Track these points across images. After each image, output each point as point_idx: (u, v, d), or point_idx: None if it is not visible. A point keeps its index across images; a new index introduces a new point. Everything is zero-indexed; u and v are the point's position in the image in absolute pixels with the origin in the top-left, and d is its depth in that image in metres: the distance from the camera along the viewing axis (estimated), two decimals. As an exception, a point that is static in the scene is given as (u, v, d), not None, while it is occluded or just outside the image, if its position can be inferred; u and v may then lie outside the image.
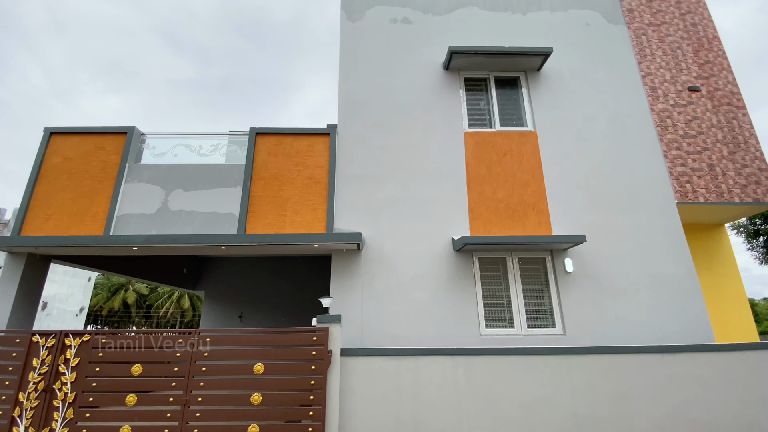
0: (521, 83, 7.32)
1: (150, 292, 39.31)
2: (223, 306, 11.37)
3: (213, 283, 11.49)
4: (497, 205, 6.39)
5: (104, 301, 37.02)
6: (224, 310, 11.33)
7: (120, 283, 38.25)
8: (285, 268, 11.58)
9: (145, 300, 39.63)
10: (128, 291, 38.19)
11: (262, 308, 11.29)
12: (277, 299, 11.36)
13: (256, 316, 11.15)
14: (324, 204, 6.26)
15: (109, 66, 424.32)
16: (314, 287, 11.29)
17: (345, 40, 7.42)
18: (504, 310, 5.97)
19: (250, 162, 6.42)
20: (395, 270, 5.97)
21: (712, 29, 8.13)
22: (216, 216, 6.17)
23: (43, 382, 4.50)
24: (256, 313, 11.24)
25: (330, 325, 4.80)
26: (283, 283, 11.50)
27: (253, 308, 11.26)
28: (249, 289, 11.40)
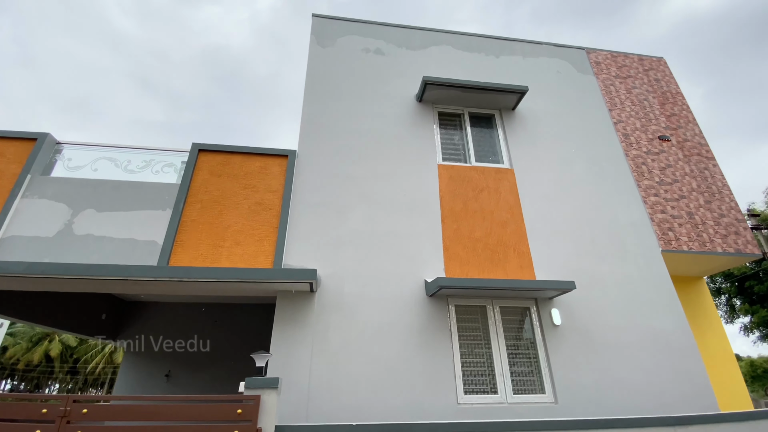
0: (496, 121, 6.99)
1: (78, 344, 34.37)
2: (147, 362, 9.41)
3: (137, 333, 9.59)
4: (475, 245, 5.61)
5: (23, 352, 31.76)
6: (148, 367, 9.36)
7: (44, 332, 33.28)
8: (228, 317, 9.97)
9: (72, 353, 34.46)
10: (53, 342, 33.17)
11: (197, 366, 9.45)
12: (216, 356, 9.59)
13: (187, 375, 9.27)
14: (273, 234, 5.22)
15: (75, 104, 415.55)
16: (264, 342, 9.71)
17: (313, 63, 6.90)
18: (485, 371, 4.94)
19: (186, 181, 5.37)
20: (356, 319, 4.88)
21: (675, 85, 8.43)
22: (133, 244, 4.94)
23: None
24: (188, 371, 9.36)
25: (263, 391, 3.57)
26: (224, 336, 9.81)
27: (184, 366, 9.39)
28: (183, 341, 9.59)
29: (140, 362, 9.41)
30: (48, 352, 32.73)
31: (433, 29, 7.78)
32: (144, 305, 9.87)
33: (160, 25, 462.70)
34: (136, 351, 9.51)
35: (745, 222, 6.80)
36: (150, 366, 9.37)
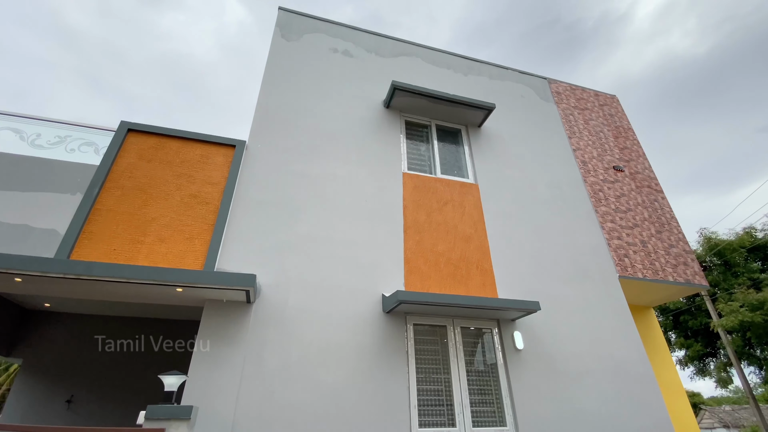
0: (462, 136, 6.82)
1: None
2: (46, 383, 7.80)
3: (37, 349, 8.00)
4: (437, 259, 5.19)
5: None
6: (47, 390, 7.74)
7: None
8: (157, 333, 8.66)
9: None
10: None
11: (109, 391, 7.99)
12: (138, 379, 8.20)
13: (95, 401, 7.79)
14: (208, 233, 4.46)
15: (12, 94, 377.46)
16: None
17: (274, 54, 6.38)
18: (443, 400, 4.40)
19: (108, 163, 4.51)
20: (300, 337, 4.17)
21: (626, 121, 8.87)
22: (27, 231, 3.96)
23: None
24: (95, 396, 7.87)
25: (169, 423, 2.79)
26: (148, 356, 8.47)
27: (90, 390, 7.89)
28: (89, 361, 8.13)
29: (38, 383, 7.79)
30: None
31: (404, 40, 7.64)
32: (48, 315, 8.32)
33: (118, 25, 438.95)
34: (34, 371, 7.90)
35: (692, 253, 7.03)
36: (49, 388, 7.78)
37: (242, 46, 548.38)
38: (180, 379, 3.08)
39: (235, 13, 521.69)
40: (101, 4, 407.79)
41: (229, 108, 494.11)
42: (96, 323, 8.56)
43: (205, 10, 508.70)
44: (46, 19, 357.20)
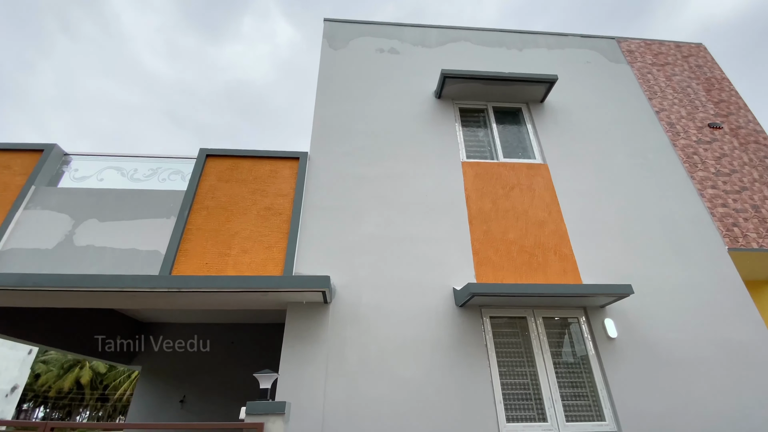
0: (524, 115, 6.42)
1: (108, 370, 34.67)
2: (161, 386, 8.98)
3: (152, 355, 9.24)
4: (509, 248, 4.96)
5: (54, 379, 32.15)
6: (163, 392, 8.92)
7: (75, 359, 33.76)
8: (249, 337, 9.50)
9: (102, 380, 34.74)
10: (83, 369, 33.56)
11: (212, 391, 8.94)
12: (236, 380, 9.06)
13: (202, 401, 8.76)
14: (284, 240, 4.76)
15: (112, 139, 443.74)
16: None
17: (325, 66, 6.61)
18: (530, 394, 4.18)
19: (193, 187, 5.04)
20: (376, 334, 4.27)
21: (719, 71, 7.65)
22: (135, 254, 4.58)
23: None
24: (203, 396, 8.86)
25: (267, 418, 3.02)
26: (244, 357, 9.31)
27: (199, 391, 8.90)
28: (197, 365, 9.15)
29: (155, 387, 8.99)
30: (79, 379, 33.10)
31: (450, 26, 7.42)
32: (158, 327, 9.55)
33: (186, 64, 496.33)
34: (151, 376, 9.13)
35: (826, 214, 5.83)
36: (165, 391, 8.94)
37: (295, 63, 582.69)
38: (272, 377, 3.33)
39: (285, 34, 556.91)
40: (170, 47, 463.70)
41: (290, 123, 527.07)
42: (197, 331, 9.61)
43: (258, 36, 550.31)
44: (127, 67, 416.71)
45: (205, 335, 9.51)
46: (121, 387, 33.38)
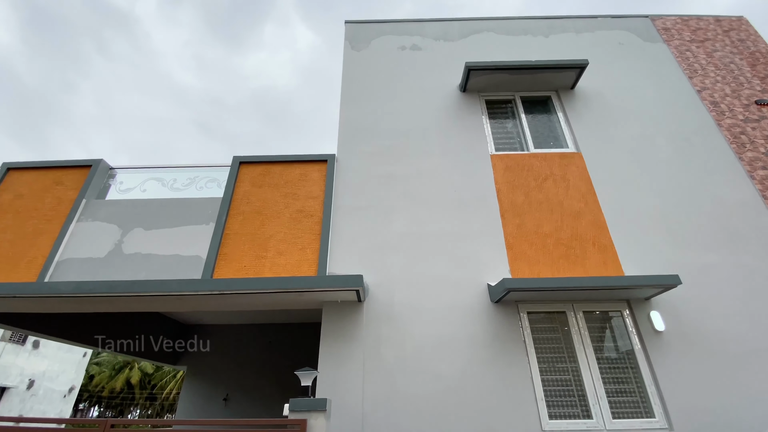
0: (554, 103, 6.22)
1: (155, 370, 36.58)
2: (206, 385, 9.40)
3: (197, 356, 9.68)
4: (544, 241, 4.82)
5: (107, 380, 34.29)
6: (207, 391, 9.33)
7: (125, 360, 35.86)
8: (286, 336, 9.77)
9: (150, 380, 36.71)
10: (132, 369, 35.59)
11: (253, 389, 9.26)
12: (274, 378, 9.35)
13: (244, 398, 9.09)
14: (316, 242, 4.86)
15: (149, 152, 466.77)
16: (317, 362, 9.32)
17: (348, 68, 6.67)
18: (573, 391, 4.07)
19: (228, 194, 5.23)
20: (411, 332, 4.28)
21: (764, 44, 7.10)
22: (178, 260, 4.82)
23: None
24: (245, 394, 9.19)
25: (309, 415, 3.10)
26: (282, 356, 9.59)
27: (241, 389, 9.24)
28: (238, 364, 9.50)
29: (200, 386, 9.41)
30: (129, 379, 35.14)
31: (472, 18, 7.29)
32: (201, 328, 9.99)
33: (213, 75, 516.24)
34: (196, 375, 9.56)
35: None
36: (209, 389, 9.34)
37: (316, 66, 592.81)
38: (313, 375, 3.41)
39: (305, 39, 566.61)
40: (198, 60, 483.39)
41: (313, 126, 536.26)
42: (236, 332, 9.97)
43: (280, 42, 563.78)
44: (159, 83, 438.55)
45: (243, 336, 9.87)
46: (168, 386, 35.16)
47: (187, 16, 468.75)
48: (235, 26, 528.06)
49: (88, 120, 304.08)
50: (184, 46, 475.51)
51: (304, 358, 9.44)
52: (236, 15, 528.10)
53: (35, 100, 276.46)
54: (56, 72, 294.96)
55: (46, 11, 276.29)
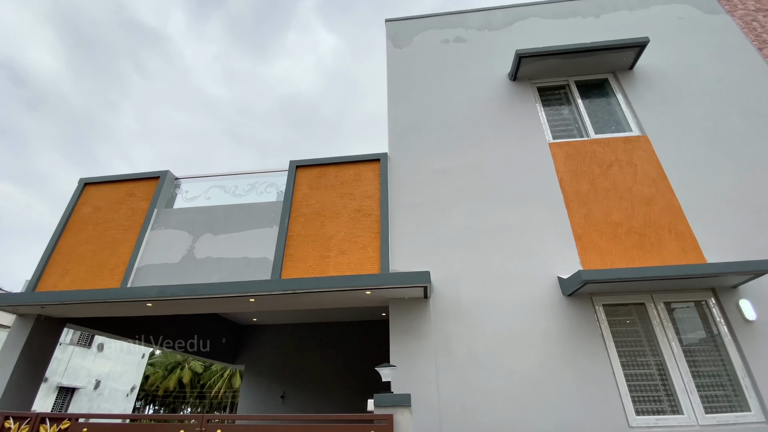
0: (611, 85, 5.94)
1: (204, 370, 38.38)
2: (263, 383, 9.74)
3: (253, 355, 10.06)
4: (615, 230, 4.62)
5: (161, 380, 36.35)
6: (265, 389, 9.67)
7: (177, 360, 37.87)
8: (336, 335, 9.95)
9: (199, 379, 38.56)
10: (183, 369, 37.51)
11: (308, 387, 9.50)
12: (326, 376, 9.55)
13: (300, 397, 9.35)
14: (376, 240, 4.90)
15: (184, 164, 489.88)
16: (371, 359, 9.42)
17: (392, 66, 6.68)
18: (658, 385, 3.87)
19: (288, 197, 5.38)
20: (480, 327, 4.23)
21: None
22: (247, 262, 5.01)
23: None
24: (301, 393, 9.44)
25: (395, 410, 3.12)
26: (333, 354, 9.77)
27: (297, 386, 9.51)
28: (293, 363, 9.78)
29: (257, 385, 9.76)
30: (181, 379, 37.08)
31: (516, 4, 7.09)
32: (256, 329, 10.36)
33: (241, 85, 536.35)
34: (253, 374, 9.92)
35: None
36: (266, 388, 9.67)
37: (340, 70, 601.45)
38: (393, 370, 3.44)
39: (328, 44, 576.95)
40: (226, 71, 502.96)
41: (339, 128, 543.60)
42: (289, 331, 10.26)
43: (303, 49, 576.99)
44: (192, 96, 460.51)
45: (294, 335, 10.14)
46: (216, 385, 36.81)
47: (214, 31, 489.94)
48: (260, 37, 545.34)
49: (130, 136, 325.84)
50: (213, 60, 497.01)
51: (356, 355, 9.60)
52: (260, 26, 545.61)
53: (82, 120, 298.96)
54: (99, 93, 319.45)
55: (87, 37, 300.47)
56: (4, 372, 4.72)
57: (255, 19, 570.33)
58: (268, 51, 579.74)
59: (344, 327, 10.02)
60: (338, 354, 9.73)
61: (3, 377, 4.69)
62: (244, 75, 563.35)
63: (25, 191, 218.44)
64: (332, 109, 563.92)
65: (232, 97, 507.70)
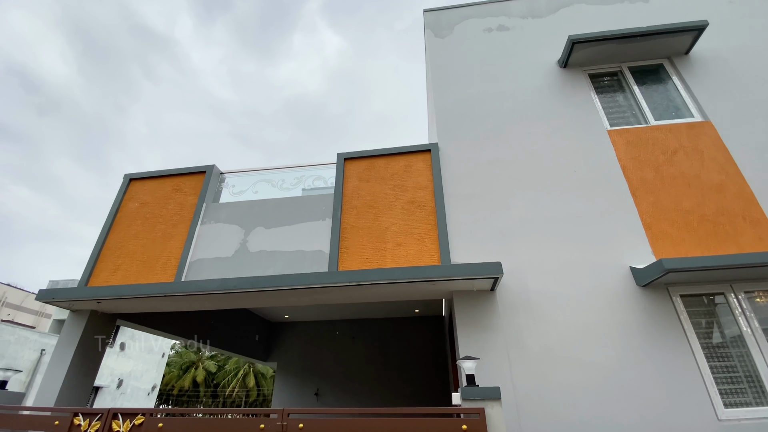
0: (667, 71, 5.74)
1: (217, 370, 38.66)
2: (297, 380, 9.70)
3: (285, 352, 10.02)
4: (686, 218, 4.44)
5: (176, 379, 36.68)
6: (298, 386, 9.63)
7: (191, 360, 38.20)
8: (367, 331, 9.88)
9: (213, 378, 38.87)
10: (197, 369, 37.82)
11: (342, 383, 9.44)
12: (360, 372, 9.48)
13: (335, 392, 9.29)
14: (434, 232, 4.79)
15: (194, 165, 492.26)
16: (401, 357, 9.36)
17: (434, 56, 6.56)
18: (743, 377, 3.70)
19: (339, 190, 5.29)
20: (552, 319, 4.09)
21: None
22: (302, 255, 4.93)
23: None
24: (334, 389, 9.38)
25: (486, 404, 3.00)
26: (365, 351, 9.70)
27: (331, 383, 9.45)
28: (325, 359, 9.72)
29: (291, 381, 9.72)
30: (195, 378, 37.42)
31: (559, -9, 6.91)
32: (287, 326, 10.32)
33: (248, 87, 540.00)
34: (286, 371, 9.87)
35: None
36: (300, 384, 9.63)
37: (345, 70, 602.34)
38: (475, 363, 3.33)
39: (333, 45, 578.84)
40: (233, 74, 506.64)
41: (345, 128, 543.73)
42: (321, 328, 10.19)
43: (309, 50, 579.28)
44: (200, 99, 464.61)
45: (327, 331, 10.08)
46: (230, 385, 37.07)
47: (220, 34, 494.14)
48: (266, 39, 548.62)
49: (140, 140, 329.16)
50: (220, 63, 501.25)
51: (390, 351, 9.50)
52: (266, 29, 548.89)
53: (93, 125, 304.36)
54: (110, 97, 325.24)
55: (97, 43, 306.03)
56: (59, 369, 4.70)
57: (260, 21, 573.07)
58: (274, 53, 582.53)
59: (375, 323, 9.94)
60: (371, 350, 9.65)
61: (59, 375, 4.66)
62: (250, 77, 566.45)
63: (39, 195, 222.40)
64: (339, 110, 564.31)
65: (240, 100, 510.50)
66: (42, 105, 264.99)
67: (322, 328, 10.06)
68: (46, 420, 3.69)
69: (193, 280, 4.56)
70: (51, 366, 4.69)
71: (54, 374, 4.64)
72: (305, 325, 10.18)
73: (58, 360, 4.75)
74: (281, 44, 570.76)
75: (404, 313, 9.57)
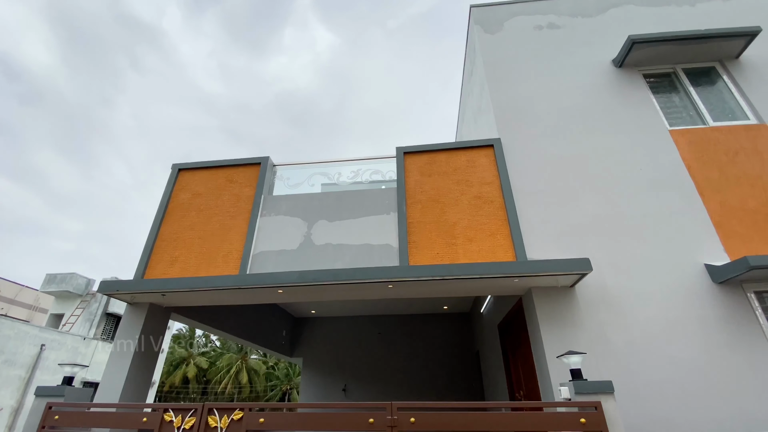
0: (719, 74, 5.88)
1: (209, 366, 38.21)
2: (323, 376, 9.65)
3: (311, 348, 9.94)
4: (753, 218, 4.57)
5: (166, 375, 36.11)
6: (325, 382, 9.58)
7: (182, 357, 37.65)
8: (394, 327, 9.87)
9: (204, 375, 38.40)
10: (189, 365, 37.32)
11: (370, 379, 9.42)
12: (387, 368, 9.48)
13: (363, 388, 9.27)
14: (505, 227, 4.80)
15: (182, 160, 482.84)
16: (426, 353, 9.39)
17: (486, 52, 6.55)
18: (826, 373, 3.83)
19: (401, 184, 5.25)
20: (633, 315, 4.16)
21: None
22: (369, 248, 4.89)
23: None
24: (361, 385, 9.36)
25: (598, 397, 3.04)
26: (393, 347, 9.69)
27: (358, 379, 9.42)
28: (352, 355, 9.68)
29: (318, 377, 9.65)
30: (186, 375, 36.89)
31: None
32: (313, 321, 10.23)
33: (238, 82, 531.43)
34: (312, 366, 9.80)
35: None
36: (327, 380, 9.58)
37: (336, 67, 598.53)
38: (581, 357, 3.36)
39: (325, 41, 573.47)
40: (222, 68, 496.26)
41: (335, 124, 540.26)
42: (346, 323, 10.14)
43: (300, 45, 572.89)
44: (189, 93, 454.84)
45: (353, 327, 10.04)
46: (222, 382, 36.68)
47: (210, 26, 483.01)
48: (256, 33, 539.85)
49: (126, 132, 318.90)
50: (209, 56, 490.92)
51: (417, 347, 9.52)
52: (256, 22, 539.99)
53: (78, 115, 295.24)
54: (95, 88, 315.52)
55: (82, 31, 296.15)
56: (122, 365, 4.55)
57: (251, 14, 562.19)
58: (264, 47, 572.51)
59: (402, 320, 9.94)
60: (397, 346, 9.65)
61: (122, 369, 4.52)
62: (240, 71, 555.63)
63: (21, 186, 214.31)
64: (329, 106, 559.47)
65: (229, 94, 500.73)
66: (24, 94, 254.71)
67: (348, 324, 10.01)
68: (130, 417, 3.58)
69: (271, 272, 4.46)
70: (112, 360, 4.54)
71: (117, 369, 4.49)
72: (330, 321, 10.12)
73: (120, 355, 4.61)
74: (272, 38, 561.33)
75: (432, 309, 9.60)
